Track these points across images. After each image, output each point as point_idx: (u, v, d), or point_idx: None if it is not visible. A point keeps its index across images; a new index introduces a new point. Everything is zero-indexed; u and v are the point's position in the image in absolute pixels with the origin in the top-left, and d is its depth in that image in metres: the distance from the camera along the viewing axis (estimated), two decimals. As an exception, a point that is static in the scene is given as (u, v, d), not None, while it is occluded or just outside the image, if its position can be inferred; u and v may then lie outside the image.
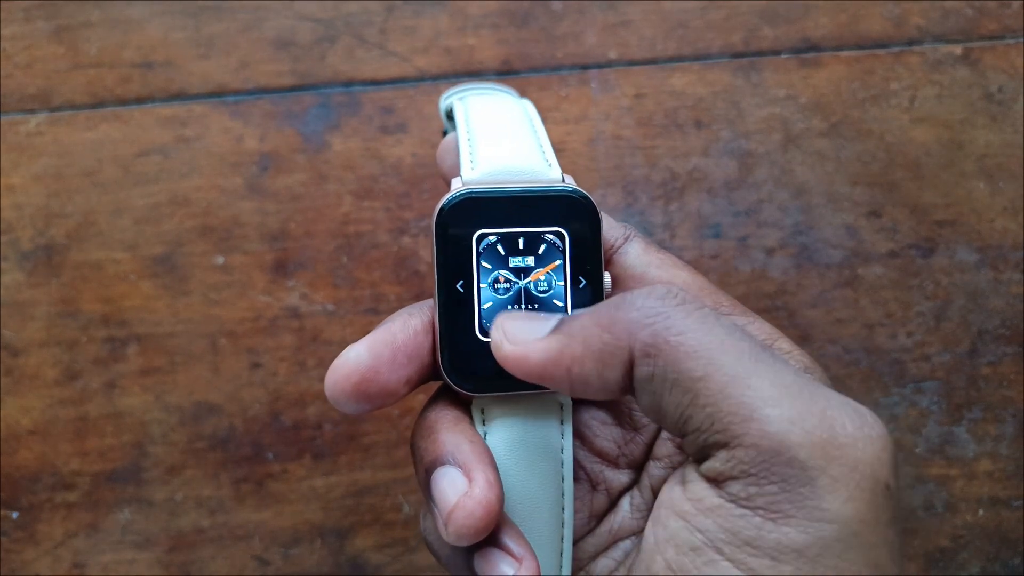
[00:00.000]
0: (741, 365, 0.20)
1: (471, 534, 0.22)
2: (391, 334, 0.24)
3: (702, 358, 0.20)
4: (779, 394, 0.20)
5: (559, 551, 0.25)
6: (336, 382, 0.23)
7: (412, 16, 0.42)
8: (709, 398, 0.20)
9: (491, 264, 0.25)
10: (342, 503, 0.41)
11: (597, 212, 0.25)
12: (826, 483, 0.19)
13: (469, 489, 0.22)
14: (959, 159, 0.42)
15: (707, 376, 0.20)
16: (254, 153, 0.42)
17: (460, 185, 0.25)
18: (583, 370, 0.22)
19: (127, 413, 0.41)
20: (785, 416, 0.20)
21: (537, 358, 0.22)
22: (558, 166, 0.26)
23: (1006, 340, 0.41)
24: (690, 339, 0.21)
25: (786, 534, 0.19)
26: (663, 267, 0.26)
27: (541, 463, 0.25)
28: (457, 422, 0.24)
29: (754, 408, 0.20)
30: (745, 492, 0.20)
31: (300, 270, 0.41)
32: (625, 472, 0.27)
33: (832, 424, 0.20)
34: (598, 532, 0.26)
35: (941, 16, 0.42)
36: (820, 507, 0.19)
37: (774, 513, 0.19)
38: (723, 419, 0.20)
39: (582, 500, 0.26)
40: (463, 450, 0.23)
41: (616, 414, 0.27)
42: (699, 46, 0.42)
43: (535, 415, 0.25)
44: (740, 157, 0.42)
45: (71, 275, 0.41)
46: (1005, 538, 0.41)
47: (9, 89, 0.42)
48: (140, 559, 0.40)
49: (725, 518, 0.20)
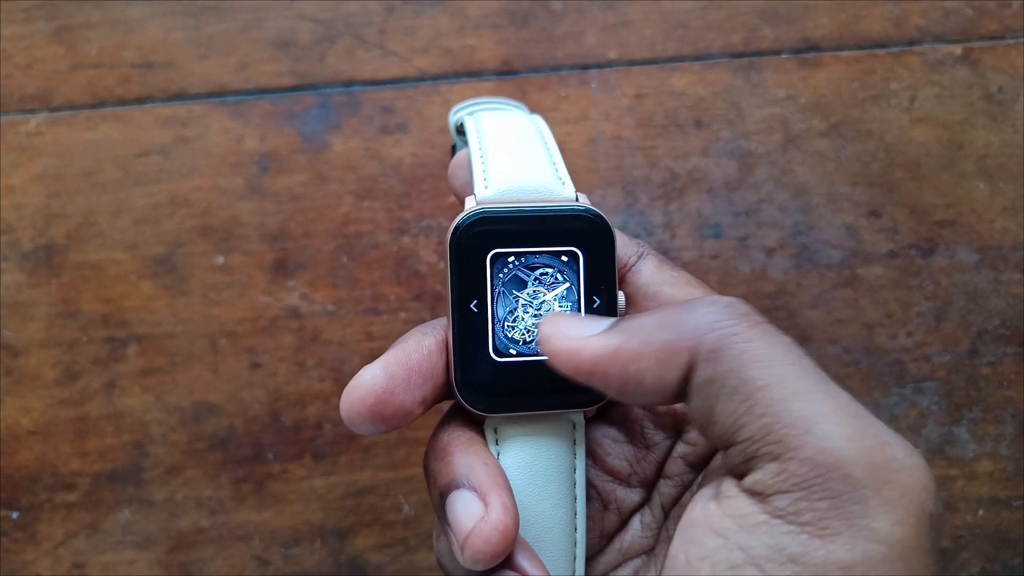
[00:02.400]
0: (802, 380, 0.20)
1: (487, 559, 0.22)
2: (405, 354, 0.24)
3: (766, 368, 0.20)
4: (837, 413, 0.20)
5: (572, 571, 0.25)
6: (352, 404, 0.23)
7: (412, 16, 0.42)
8: (768, 408, 0.20)
9: (505, 284, 0.25)
10: (342, 503, 0.41)
11: (611, 232, 0.25)
12: (878, 504, 0.19)
13: (485, 514, 0.22)
14: (959, 159, 0.42)
15: (769, 386, 0.20)
16: (254, 153, 0.42)
17: (474, 204, 0.25)
18: (640, 368, 0.22)
19: (127, 413, 0.41)
20: (844, 434, 0.20)
21: (591, 353, 0.22)
22: (572, 184, 0.26)
23: (1006, 340, 0.41)
24: (755, 347, 0.21)
25: (833, 552, 0.19)
26: (677, 285, 0.26)
27: (554, 483, 0.25)
28: (471, 443, 0.24)
29: (814, 422, 0.20)
30: (794, 507, 0.20)
31: (300, 270, 0.41)
32: (636, 491, 0.26)
33: (886, 448, 0.20)
34: (608, 551, 0.26)
35: (941, 16, 0.42)
36: (870, 526, 0.19)
37: (822, 530, 0.19)
38: (780, 430, 0.20)
39: (593, 519, 0.26)
40: (478, 473, 0.23)
41: (628, 432, 0.27)
42: (699, 46, 0.42)
43: (548, 435, 0.25)
44: (740, 157, 0.42)
45: (71, 275, 0.41)
46: (1005, 538, 0.41)
47: (9, 89, 0.42)
48: (140, 559, 0.40)
49: (769, 534, 0.20)
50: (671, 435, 0.26)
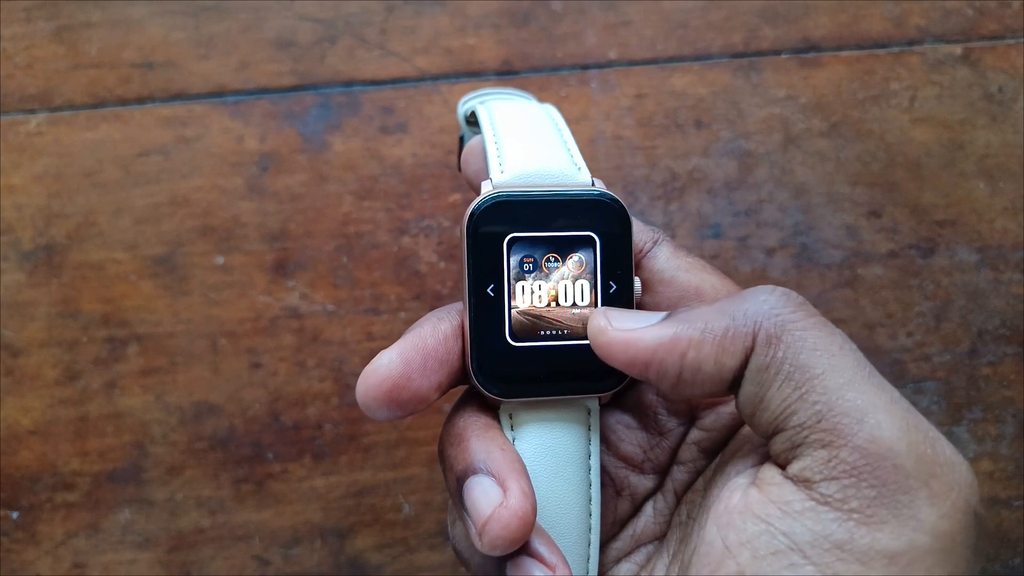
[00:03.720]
0: (856, 371, 0.21)
1: (506, 544, 0.22)
2: (421, 339, 0.24)
3: (823, 356, 0.21)
4: (889, 406, 0.20)
5: (586, 557, 0.25)
6: (368, 389, 0.23)
7: (412, 16, 0.42)
8: (822, 395, 0.20)
9: (522, 268, 0.25)
10: (342, 503, 0.41)
11: (628, 216, 0.25)
12: (926, 495, 0.19)
13: (504, 500, 0.22)
14: (959, 159, 0.42)
15: (825, 374, 0.21)
16: (254, 153, 0.42)
17: (490, 188, 0.25)
18: (699, 355, 0.22)
19: (127, 413, 0.41)
20: (896, 425, 0.20)
21: (649, 342, 0.22)
22: (587, 169, 0.26)
23: (1006, 340, 0.41)
24: (813, 336, 0.21)
25: (879, 539, 0.19)
26: (692, 271, 0.26)
27: (569, 469, 0.25)
28: (487, 429, 0.24)
29: (867, 412, 0.20)
30: (842, 494, 0.20)
31: (300, 270, 0.41)
32: (650, 477, 0.27)
33: (935, 444, 0.20)
34: (621, 537, 0.26)
35: (941, 16, 0.42)
36: (916, 516, 0.19)
37: (868, 517, 0.20)
38: (833, 418, 0.20)
39: (607, 505, 0.26)
40: (495, 458, 0.23)
41: (642, 418, 0.27)
42: (699, 46, 0.42)
43: (563, 421, 0.25)
44: (740, 157, 0.42)
45: (71, 275, 0.41)
46: (1005, 538, 0.41)
47: (9, 89, 0.42)
48: (140, 559, 0.40)
49: (815, 520, 0.20)
50: (684, 421, 0.26)
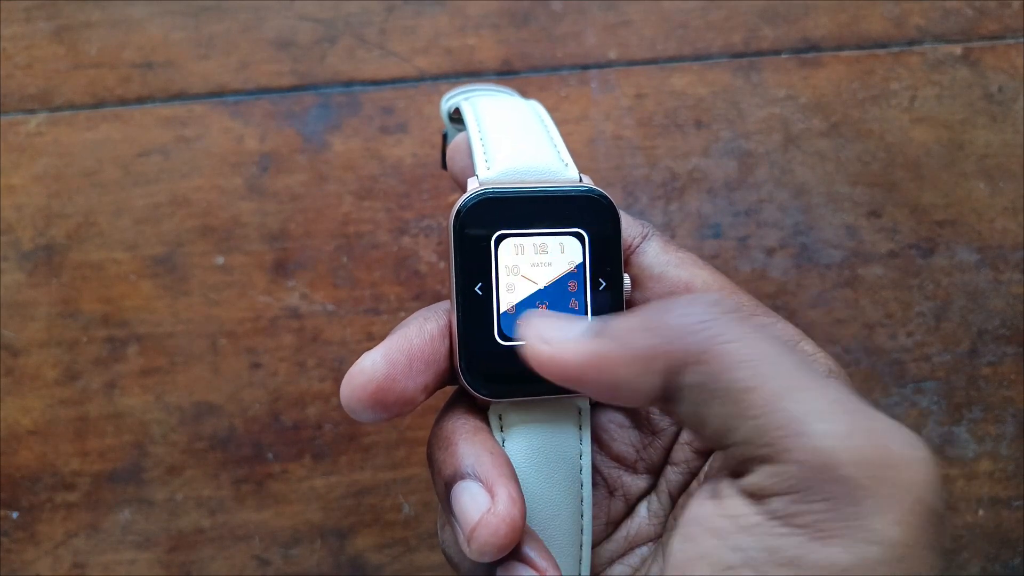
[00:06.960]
0: (791, 378, 0.20)
1: (494, 551, 0.22)
2: (407, 340, 0.24)
3: (752, 368, 0.20)
4: (829, 409, 0.19)
5: (578, 559, 0.25)
6: (352, 391, 0.23)
7: (412, 16, 0.42)
8: (758, 410, 0.19)
9: (510, 266, 0.24)
10: (342, 503, 0.41)
11: (617, 212, 0.25)
12: (875, 504, 0.18)
13: (492, 506, 0.22)
14: (959, 159, 0.42)
15: (757, 387, 0.19)
16: (254, 153, 0.42)
17: (477, 185, 0.24)
18: (618, 374, 0.21)
19: (127, 413, 0.41)
20: (836, 432, 0.19)
21: (573, 359, 0.21)
22: (575, 166, 0.25)
23: (1006, 340, 0.41)
24: (740, 348, 0.20)
25: (830, 554, 0.18)
26: (682, 266, 0.26)
27: (560, 470, 0.25)
28: (476, 432, 0.24)
29: (804, 422, 0.19)
30: (789, 509, 0.19)
31: (300, 270, 0.41)
32: (643, 477, 0.26)
33: (882, 444, 0.19)
34: (615, 538, 0.26)
35: (941, 16, 0.42)
36: (867, 527, 0.18)
37: (819, 532, 0.19)
38: (771, 432, 0.19)
39: (599, 506, 0.26)
40: (484, 463, 0.23)
41: (634, 417, 0.26)
42: (699, 46, 0.42)
43: (554, 421, 0.25)
44: (740, 157, 0.42)
45: (71, 275, 0.41)
46: (1005, 538, 0.41)
47: (9, 89, 0.42)
48: (140, 559, 0.40)
49: (766, 536, 0.19)
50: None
